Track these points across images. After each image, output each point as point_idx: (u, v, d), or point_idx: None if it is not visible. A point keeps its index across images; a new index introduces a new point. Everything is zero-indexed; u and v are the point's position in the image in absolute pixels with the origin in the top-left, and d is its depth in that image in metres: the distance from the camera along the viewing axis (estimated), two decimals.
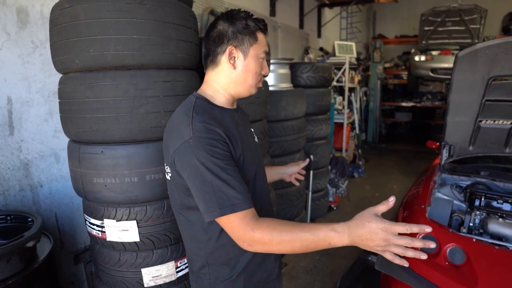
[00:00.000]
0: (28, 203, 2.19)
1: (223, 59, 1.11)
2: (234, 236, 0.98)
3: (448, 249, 1.82)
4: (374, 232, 0.89)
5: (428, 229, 0.89)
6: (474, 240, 1.82)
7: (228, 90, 1.14)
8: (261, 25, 1.14)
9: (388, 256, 0.92)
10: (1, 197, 2.05)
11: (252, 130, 1.31)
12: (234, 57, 1.10)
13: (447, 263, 1.79)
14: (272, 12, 5.63)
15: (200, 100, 1.11)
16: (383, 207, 0.95)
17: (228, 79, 1.13)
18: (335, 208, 4.54)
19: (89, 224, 1.77)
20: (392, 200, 0.94)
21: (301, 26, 6.84)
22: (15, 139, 2.10)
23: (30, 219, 1.79)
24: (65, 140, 1.84)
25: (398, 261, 0.93)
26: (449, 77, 2.51)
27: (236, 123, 1.15)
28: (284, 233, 0.94)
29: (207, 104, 1.11)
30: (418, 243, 0.89)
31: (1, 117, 2.03)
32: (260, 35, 1.13)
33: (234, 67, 1.11)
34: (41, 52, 2.18)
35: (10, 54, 2.05)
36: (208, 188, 0.96)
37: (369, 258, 2.64)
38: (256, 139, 1.29)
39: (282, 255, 1.36)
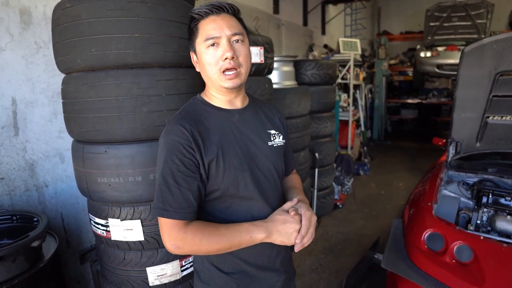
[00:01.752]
0: (34, 203, 2.20)
1: (193, 64, 1.13)
2: (163, 238, 1.01)
3: (455, 247, 1.80)
4: (288, 220, 1.04)
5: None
6: (481, 237, 1.80)
7: (212, 90, 1.11)
8: (200, 13, 1.02)
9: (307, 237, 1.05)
10: (7, 197, 2.06)
11: (272, 131, 1.19)
12: (195, 61, 1.11)
13: (454, 261, 1.77)
14: (276, 10, 5.62)
15: (195, 101, 1.12)
16: (288, 204, 1.11)
17: (205, 81, 1.12)
18: (340, 206, 4.52)
19: (94, 224, 1.77)
20: (295, 199, 1.14)
21: (305, 23, 6.81)
22: (20, 140, 2.12)
23: (35, 219, 1.80)
24: (69, 140, 1.85)
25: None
26: (455, 73, 2.48)
27: (231, 124, 1.09)
28: (212, 233, 1.00)
29: (200, 104, 1.11)
30: (311, 229, 1.07)
31: (6, 118, 2.04)
32: (201, 25, 1.03)
33: (197, 69, 1.11)
34: (44, 52, 2.18)
35: (14, 55, 2.06)
36: (156, 186, 1.02)
37: (375, 256, 2.62)
38: (272, 143, 1.18)
39: (289, 266, 1.30)
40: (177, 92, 1.57)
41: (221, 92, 1.10)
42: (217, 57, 1.02)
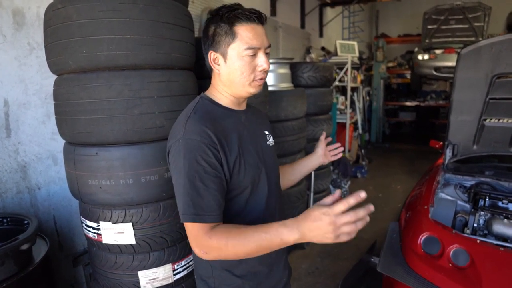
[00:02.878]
0: (26, 205, 2.17)
1: (210, 64, 1.08)
2: (192, 243, 0.98)
3: (452, 250, 1.78)
4: (318, 218, 0.84)
5: (363, 194, 0.88)
6: (478, 241, 1.78)
7: (226, 91, 1.10)
8: (242, 17, 1.00)
9: (344, 238, 0.87)
10: None
11: (267, 132, 1.23)
12: (217, 62, 1.06)
13: (450, 265, 1.75)
14: (273, 12, 5.61)
15: (204, 100, 1.10)
16: (329, 199, 0.90)
17: (221, 82, 1.09)
18: None
19: (85, 227, 1.75)
20: (338, 192, 0.92)
21: (303, 25, 6.81)
22: (12, 142, 2.09)
23: (26, 222, 1.77)
24: (62, 142, 1.83)
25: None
26: (453, 75, 2.47)
27: (242, 125, 1.11)
28: (238, 236, 0.93)
29: (210, 104, 1.09)
30: (362, 213, 0.87)
31: None
32: (240, 30, 1.00)
33: (219, 71, 1.07)
34: (37, 54, 2.16)
35: (7, 56, 2.03)
36: (181, 190, 0.97)
37: (372, 259, 2.60)
38: (269, 142, 1.21)
39: (287, 262, 1.29)
40: (169, 94, 1.55)
41: (237, 95, 1.10)
42: (253, 67, 1.03)
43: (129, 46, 1.44)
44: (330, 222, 0.84)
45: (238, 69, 1.02)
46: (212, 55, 1.06)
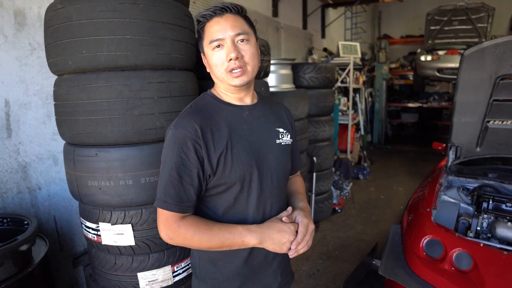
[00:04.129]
0: (27, 205, 2.17)
1: (204, 64, 1.14)
2: (160, 227, 1.04)
3: (454, 254, 1.76)
4: (283, 230, 1.05)
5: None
6: (481, 244, 1.76)
7: (221, 88, 1.13)
8: (205, 15, 1.04)
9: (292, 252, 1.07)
10: None
11: (281, 130, 1.20)
12: (205, 61, 1.12)
13: (453, 268, 1.73)
14: (275, 13, 5.60)
15: (206, 96, 1.14)
16: (284, 213, 1.12)
17: (214, 80, 1.14)
18: (339, 210, 4.48)
19: (85, 227, 1.74)
20: (289, 208, 1.15)
21: (305, 26, 6.79)
22: (13, 142, 2.09)
23: (26, 222, 1.76)
24: (62, 142, 1.82)
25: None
26: (456, 77, 2.45)
27: (242, 120, 1.10)
28: (205, 232, 1.01)
29: (211, 99, 1.12)
30: (307, 236, 1.09)
31: None
32: (207, 27, 1.05)
33: (208, 70, 1.12)
34: (38, 54, 2.16)
35: (7, 57, 2.03)
36: (160, 178, 1.04)
37: (373, 262, 2.58)
38: (280, 141, 1.18)
39: (286, 269, 1.28)
40: (169, 95, 1.54)
41: (230, 90, 1.11)
42: (223, 58, 1.03)
43: (129, 46, 1.43)
44: (291, 236, 1.04)
45: (213, 64, 1.06)
46: (203, 57, 1.13)
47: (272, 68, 3.05)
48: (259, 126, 1.14)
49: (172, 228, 1.02)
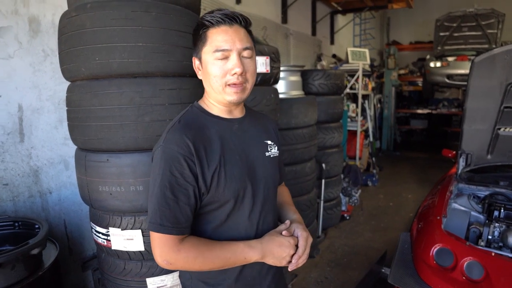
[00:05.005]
0: (38, 209, 2.20)
1: (195, 70, 1.08)
2: (155, 252, 0.97)
3: (465, 263, 1.74)
4: (284, 245, 1.03)
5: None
6: (493, 254, 1.73)
7: (211, 98, 1.07)
8: (212, 20, 0.97)
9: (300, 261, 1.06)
10: (11, 203, 2.07)
11: (269, 142, 1.17)
12: (198, 67, 1.06)
13: (464, 278, 1.71)
14: (284, 19, 5.63)
15: (194, 108, 1.08)
16: (283, 226, 1.11)
17: (205, 89, 1.08)
18: (347, 217, 4.45)
19: (95, 232, 1.76)
20: (287, 221, 1.14)
21: (314, 33, 6.81)
22: (25, 146, 2.12)
23: (37, 226, 1.79)
24: (74, 147, 1.85)
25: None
26: (465, 83, 2.43)
27: (232, 134, 1.06)
28: (206, 253, 0.97)
29: (199, 113, 1.07)
30: (307, 250, 1.08)
31: (12, 124, 2.05)
32: (211, 33, 0.98)
33: (200, 77, 1.07)
34: (52, 60, 2.20)
35: (22, 63, 2.08)
36: (151, 198, 0.97)
37: (382, 270, 2.55)
38: (269, 153, 1.15)
39: (280, 282, 1.26)
40: (180, 101, 1.55)
41: (221, 104, 1.06)
42: (225, 71, 0.98)
43: (141, 53, 1.45)
44: (289, 250, 1.04)
45: (211, 74, 0.99)
46: (195, 61, 1.06)
47: (281, 74, 3.06)
48: (248, 140, 1.10)
49: (171, 252, 0.95)
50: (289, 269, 1.06)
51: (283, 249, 1.02)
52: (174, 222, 0.95)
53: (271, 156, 1.16)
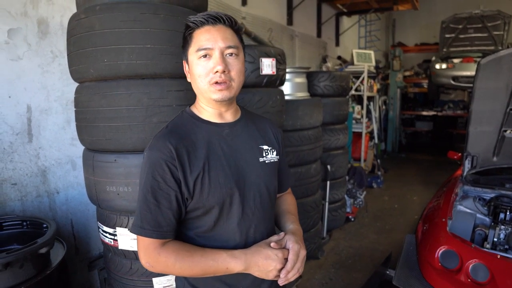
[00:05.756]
0: (45, 209, 2.22)
1: (185, 72, 1.08)
2: (140, 254, 0.99)
3: (471, 265, 1.74)
4: (270, 257, 0.97)
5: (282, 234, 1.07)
6: (498, 256, 1.73)
7: (201, 101, 1.06)
8: (196, 21, 0.98)
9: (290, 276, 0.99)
10: (19, 202, 2.09)
11: (265, 147, 1.13)
12: (187, 70, 1.06)
13: (469, 280, 1.71)
14: (289, 21, 5.64)
15: (184, 114, 1.08)
16: (275, 237, 1.05)
17: (195, 91, 1.07)
18: (352, 219, 4.44)
19: (102, 232, 1.77)
20: (282, 233, 1.08)
21: (319, 34, 6.82)
22: (33, 146, 2.15)
23: (45, 225, 1.81)
24: (81, 147, 1.87)
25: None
26: (471, 85, 2.43)
27: (221, 139, 1.04)
28: (186, 259, 0.96)
29: (189, 118, 1.06)
30: (298, 264, 1.01)
31: (21, 124, 2.08)
32: (196, 34, 0.99)
33: (189, 80, 1.06)
34: (60, 61, 2.23)
35: (30, 64, 2.10)
36: (137, 202, 1.00)
37: (387, 272, 2.55)
38: (264, 159, 1.11)
39: None
40: (187, 103, 1.57)
41: (210, 104, 1.04)
42: (208, 69, 0.97)
43: (149, 55, 1.47)
44: (276, 264, 0.97)
45: (196, 73, 0.99)
46: (184, 65, 1.07)
47: (287, 76, 3.07)
48: (240, 145, 1.07)
49: (152, 255, 0.96)
50: (280, 284, 1.01)
51: (269, 262, 0.96)
52: (155, 226, 0.95)
53: (266, 162, 1.12)
